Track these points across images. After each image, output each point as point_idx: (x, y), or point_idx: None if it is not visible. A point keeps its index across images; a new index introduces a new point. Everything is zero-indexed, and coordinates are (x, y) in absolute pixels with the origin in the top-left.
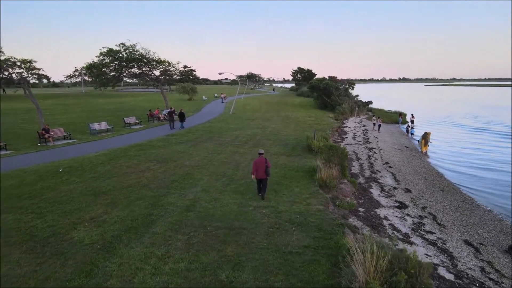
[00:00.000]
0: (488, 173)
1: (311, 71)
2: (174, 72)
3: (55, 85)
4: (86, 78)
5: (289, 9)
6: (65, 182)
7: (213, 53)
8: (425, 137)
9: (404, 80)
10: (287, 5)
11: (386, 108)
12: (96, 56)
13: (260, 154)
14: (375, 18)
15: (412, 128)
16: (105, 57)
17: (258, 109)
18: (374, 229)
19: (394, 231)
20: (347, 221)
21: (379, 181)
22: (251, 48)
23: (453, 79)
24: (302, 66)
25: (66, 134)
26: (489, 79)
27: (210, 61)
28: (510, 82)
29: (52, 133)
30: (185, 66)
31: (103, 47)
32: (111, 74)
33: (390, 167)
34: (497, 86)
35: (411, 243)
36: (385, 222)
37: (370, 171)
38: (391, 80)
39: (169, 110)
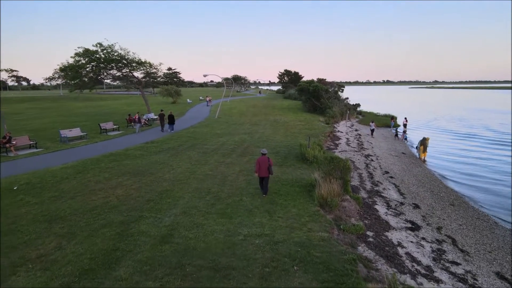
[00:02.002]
0: (490, 184)
1: (297, 73)
2: (156, 74)
3: (35, 87)
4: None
5: (275, 11)
6: (18, 203)
7: (200, 55)
8: (424, 143)
9: (388, 82)
10: (273, 7)
11: (375, 111)
12: (71, 57)
13: (263, 154)
14: (359, 20)
15: (405, 132)
16: (81, 58)
17: (245, 112)
18: (390, 261)
19: (414, 263)
20: (357, 250)
21: (382, 194)
22: (237, 50)
23: (436, 82)
24: (288, 68)
25: (31, 142)
26: (470, 82)
27: (197, 63)
28: (491, 85)
29: (14, 142)
30: (169, 68)
31: (78, 47)
32: (88, 76)
33: (391, 177)
34: (478, 89)
35: (437, 281)
36: (400, 251)
37: (371, 183)
38: (375, 83)
39: (150, 114)
